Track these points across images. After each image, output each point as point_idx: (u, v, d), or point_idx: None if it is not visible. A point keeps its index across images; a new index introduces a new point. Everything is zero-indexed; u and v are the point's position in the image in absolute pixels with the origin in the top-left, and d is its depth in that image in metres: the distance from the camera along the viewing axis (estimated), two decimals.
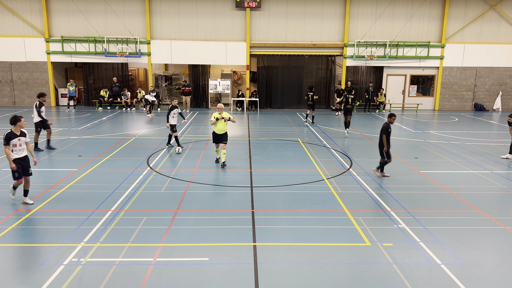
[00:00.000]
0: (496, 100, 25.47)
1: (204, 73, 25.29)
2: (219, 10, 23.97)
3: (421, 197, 9.20)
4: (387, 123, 10.74)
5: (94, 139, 14.96)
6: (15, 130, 8.10)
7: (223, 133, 11.32)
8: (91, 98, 25.21)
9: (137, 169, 11.07)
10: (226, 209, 8.30)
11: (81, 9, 23.54)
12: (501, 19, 24.40)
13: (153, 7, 23.87)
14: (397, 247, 6.72)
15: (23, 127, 8.23)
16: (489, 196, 9.38)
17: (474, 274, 5.93)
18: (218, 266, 6.05)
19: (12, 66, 23.97)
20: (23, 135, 8.26)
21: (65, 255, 6.28)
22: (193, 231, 7.22)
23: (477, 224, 7.79)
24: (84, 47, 23.78)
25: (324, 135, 16.64)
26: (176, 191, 9.37)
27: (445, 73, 25.07)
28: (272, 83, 25.38)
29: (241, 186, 9.85)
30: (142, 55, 24.00)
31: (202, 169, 11.31)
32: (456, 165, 12.02)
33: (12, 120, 8.12)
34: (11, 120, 8.11)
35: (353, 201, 8.84)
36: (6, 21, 23.56)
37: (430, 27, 24.46)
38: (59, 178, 10.19)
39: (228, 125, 12.69)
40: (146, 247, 6.59)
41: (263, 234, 7.12)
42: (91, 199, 8.70)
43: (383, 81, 25.37)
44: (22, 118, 8.21)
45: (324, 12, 24.15)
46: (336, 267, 6.05)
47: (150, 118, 20.62)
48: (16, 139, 8.08)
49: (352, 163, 12.12)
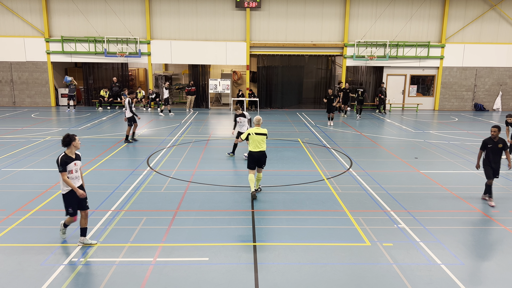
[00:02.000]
0: (496, 100, 25.46)
1: (204, 73, 25.29)
2: (219, 10, 23.97)
3: (421, 197, 9.20)
4: (489, 138, 8.83)
5: (94, 139, 14.96)
6: (70, 152, 6.53)
7: (262, 151, 8.97)
8: (91, 98, 25.21)
9: (137, 169, 11.07)
10: (226, 209, 8.30)
11: (81, 9, 23.53)
12: (501, 19, 24.39)
13: (153, 7, 23.86)
14: (397, 247, 6.72)
15: (79, 148, 6.65)
16: None
17: (474, 274, 5.93)
18: (218, 266, 6.05)
19: (12, 66, 23.96)
20: (78, 159, 6.69)
21: (65, 255, 6.29)
22: (193, 231, 7.22)
23: (477, 224, 7.79)
24: (84, 47, 23.77)
25: (324, 135, 16.64)
26: (176, 191, 9.37)
27: (445, 73, 25.06)
28: (272, 83, 25.37)
29: (241, 186, 9.85)
30: (142, 55, 23.99)
31: (202, 169, 11.31)
32: (456, 165, 12.02)
33: (66, 140, 6.46)
34: (65, 140, 6.46)
35: (353, 201, 8.83)
36: (6, 21, 23.55)
37: (430, 27, 24.45)
38: (59, 178, 10.16)
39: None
40: (146, 247, 6.59)
41: (263, 234, 7.12)
42: (91, 199, 8.64)
43: (383, 81, 25.35)
44: (77, 137, 6.61)
45: (324, 12, 24.15)
46: (336, 267, 6.05)
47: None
48: (72, 163, 6.52)
49: (352, 163, 12.12)
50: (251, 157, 8.91)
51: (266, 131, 9.04)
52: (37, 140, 14.55)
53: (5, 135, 15.43)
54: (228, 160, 12.45)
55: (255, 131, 8.89)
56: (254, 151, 8.85)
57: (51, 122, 18.88)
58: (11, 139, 14.68)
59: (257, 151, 8.85)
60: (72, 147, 6.53)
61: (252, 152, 8.88)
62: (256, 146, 8.84)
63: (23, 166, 11.24)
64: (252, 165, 8.93)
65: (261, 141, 8.88)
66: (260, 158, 8.89)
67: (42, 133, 15.96)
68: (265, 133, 8.94)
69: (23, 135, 15.39)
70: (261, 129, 8.96)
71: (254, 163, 8.92)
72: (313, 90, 26.31)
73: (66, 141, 6.48)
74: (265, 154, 9.00)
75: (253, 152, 8.86)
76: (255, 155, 8.86)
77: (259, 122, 9.08)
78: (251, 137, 8.87)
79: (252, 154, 8.87)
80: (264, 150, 8.92)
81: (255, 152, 8.85)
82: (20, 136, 15.29)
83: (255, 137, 8.87)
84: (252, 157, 8.89)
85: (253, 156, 8.88)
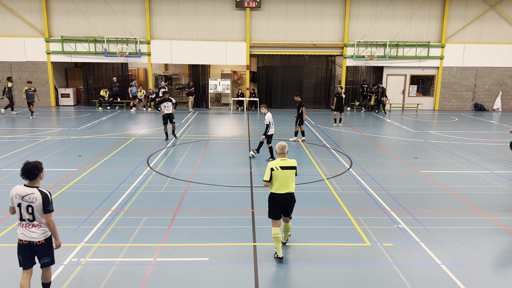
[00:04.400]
0: (496, 100, 25.46)
1: (204, 73, 25.30)
2: (219, 10, 23.97)
3: (421, 197, 9.20)
4: None
5: (94, 139, 14.96)
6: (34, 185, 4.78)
7: (290, 194, 6.26)
8: (91, 98, 25.21)
9: (137, 169, 11.07)
10: (226, 209, 8.30)
11: (81, 9, 23.53)
12: (501, 19, 24.39)
13: (153, 7, 23.86)
14: (397, 247, 6.72)
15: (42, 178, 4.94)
16: (489, 196, 9.38)
17: (474, 274, 5.93)
18: (218, 266, 6.05)
19: (12, 66, 23.96)
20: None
21: (65, 255, 6.28)
22: (193, 231, 7.22)
23: (477, 224, 7.79)
24: (84, 47, 23.77)
25: (324, 135, 16.64)
26: (176, 191, 9.37)
27: (445, 73, 25.06)
28: (272, 83, 25.37)
29: (241, 186, 9.85)
30: (142, 55, 23.99)
31: (202, 169, 11.31)
32: (456, 165, 12.02)
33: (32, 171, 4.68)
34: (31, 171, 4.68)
35: (353, 201, 8.83)
36: (6, 21, 23.55)
37: (430, 27, 24.45)
38: (59, 178, 10.18)
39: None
40: (146, 247, 6.59)
41: (263, 234, 7.12)
42: (91, 199, 8.70)
43: (383, 81, 25.36)
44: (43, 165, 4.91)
45: (324, 12, 24.14)
46: (336, 267, 6.05)
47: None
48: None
49: (352, 163, 12.12)
50: (274, 202, 6.23)
51: (296, 163, 6.31)
52: (37, 140, 14.55)
53: (5, 135, 15.43)
54: (228, 160, 12.45)
55: (280, 164, 6.19)
56: (280, 193, 6.17)
57: (51, 122, 18.88)
58: (11, 139, 14.68)
59: (283, 193, 6.17)
60: (38, 179, 4.79)
61: (276, 195, 6.19)
62: (281, 186, 6.16)
63: None
64: (276, 213, 6.27)
65: (290, 178, 6.21)
66: (287, 203, 6.26)
67: (42, 133, 15.96)
68: (294, 166, 6.26)
69: (23, 135, 15.39)
70: (288, 160, 6.27)
71: (279, 211, 6.28)
72: (313, 90, 26.30)
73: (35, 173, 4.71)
74: (294, 197, 6.35)
75: (277, 195, 6.18)
76: (280, 198, 6.18)
77: (283, 150, 6.33)
78: (275, 173, 6.16)
79: (276, 197, 6.19)
80: (293, 191, 6.27)
81: (281, 195, 6.17)
82: (20, 136, 15.29)
83: (280, 174, 6.14)
84: (276, 201, 6.21)
85: (277, 200, 6.20)
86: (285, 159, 6.27)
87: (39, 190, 4.74)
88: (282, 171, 6.16)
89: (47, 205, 4.73)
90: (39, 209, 4.72)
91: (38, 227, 4.82)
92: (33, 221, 4.79)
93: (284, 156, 6.33)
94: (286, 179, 6.17)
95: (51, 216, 4.80)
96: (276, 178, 6.17)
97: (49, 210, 4.75)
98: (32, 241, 4.81)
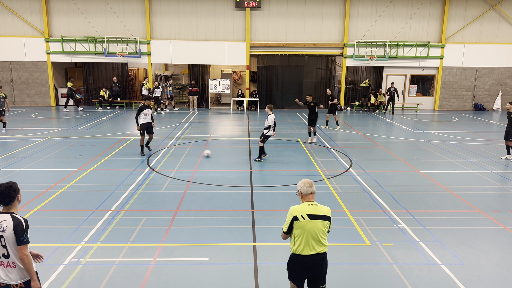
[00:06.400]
0: (496, 100, 25.46)
1: (204, 73, 25.31)
2: (219, 10, 23.97)
3: (421, 197, 9.19)
4: None
5: (94, 139, 14.96)
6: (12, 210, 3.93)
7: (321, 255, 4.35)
8: (91, 98, 25.22)
9: (137, 169, 11.07)
10: (226, 209, 8.30)
11: (81, 9, 23.53)
12: (501, 19, 24.39)
13: (153, 7, 23.86)
14: (397, 247, 6.71)
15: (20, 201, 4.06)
16: (489, 196, 9.38)
17: (474, 274, 5.93)
18: (218, 266, 6.05)
19: (12, 66, 23.96)
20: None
21: (65, 255, 6.28)
22: (193, 231, 7.22)
23: (477, 224, 7.79)
24: (84, 47, 23.77)
25: (324, 135, 16.64)
26: (176, 191, 9.37)
27: (445, 73, 25.06)
28: (272, 83, 25.38)
29: (241, 186, 9.85)
30: (142, 55, 23.99)
31: (202, 169, 11.31)
32: (456, 165, 12.02)
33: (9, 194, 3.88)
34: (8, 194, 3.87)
35: (353, 201, 8.83)
36: (6, 21, 23.55)
37: (430, 27, 24.46)
38: (59, 178, 10.18)
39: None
40: (146, 247, 6.58)
41: (263, 234, 7.12)
42: (91, 199, 8.69)
43: (383, 81, 25.37)
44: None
45: (324, 12, 24.15)
46: (336, 267, 6.05)
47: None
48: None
49: (352, 163, 12.12)
50: (297, 266, 4.36)
51: (330, 212, 4.39)
52: (37, 140, 14.55)
53: (5, 135, 15.43)
54: (228, 160, 12.45)
55: (307, 211, 4.28)
56: (306, 255, 4.28)
57: (51, 122, 18.88)
58: (11, 139, 14.68)
59: (311, 255, 4.28)
60: (16, 203, 3.94)
61: (299, 257, 4.31)
62: (308, 244, 4.26)
63: (23, 166, 11.24)
64: (300, 279, 4.44)
65: (321, 232, 4.29)
66: (317, 268, 4.35)
67: (42, 133, 15.96)
68: (328, 216, 4.35)
69: (23, 135, 15.39)
70: (320, 207, 4.35)
71: (304, 277, 4.43)
72: (313, 90, 26.27)
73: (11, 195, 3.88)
74: (327, 260, 4.43)
75: (301, 258, 4.30)
76: (307, 261, 4.29)
77: (312, 188, 4.40)
78: (299, 224, 4.26)
79: (300, 261, 4.31)
80: (325, 251, 4.37)
81: (307, 258, 4.28)
82: (20, 136, 15.29)
83: (308, 226, 4.25)
84: (301, 265, 4.33)
85: (302, 263, 4.32)
86: (315, 205, 4.32)
87: (12, 215, 3.80)
88: (311, 223, 4.23)
89: (20, 235, 3.72)
90: (10, 240, 3.72)
91: (12, 267, 3.80)
92: (8, 258, 3.78)
93: (312, 198, 4.37)
94: (316, 234, 4.24)
95: (26, 249, 3.77)
96: (301, 232, 4.24)
97: (23, 241, 3.74)
98: (10, 284, 3.84)
